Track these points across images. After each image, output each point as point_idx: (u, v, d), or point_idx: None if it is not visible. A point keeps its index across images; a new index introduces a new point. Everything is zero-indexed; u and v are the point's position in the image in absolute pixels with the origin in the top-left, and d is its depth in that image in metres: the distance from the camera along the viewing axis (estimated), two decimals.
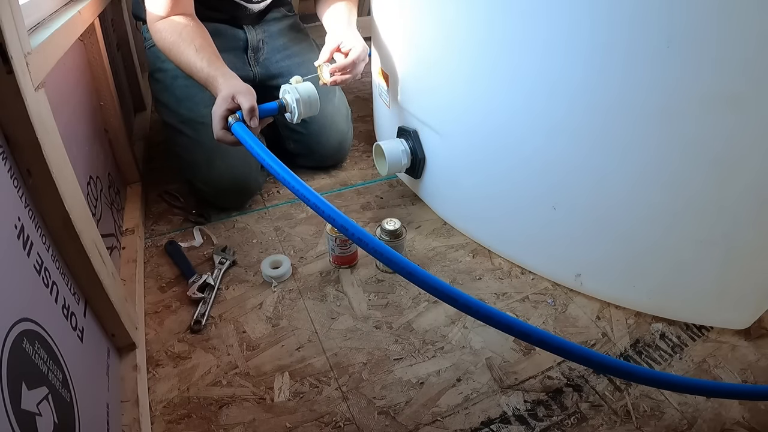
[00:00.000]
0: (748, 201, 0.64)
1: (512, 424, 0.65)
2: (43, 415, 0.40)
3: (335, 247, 0.87)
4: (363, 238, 0.60)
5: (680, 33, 0.57)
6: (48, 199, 0.51)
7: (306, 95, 0.86)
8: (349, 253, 0.89)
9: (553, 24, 0.67)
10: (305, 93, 0.86)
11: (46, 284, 0.48)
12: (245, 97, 0.81)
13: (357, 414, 0.66)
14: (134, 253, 0.89)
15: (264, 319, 0.80)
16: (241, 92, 0.81)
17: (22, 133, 0.47)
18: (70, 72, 0.82)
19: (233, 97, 0.81)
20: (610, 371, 0.65)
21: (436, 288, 0.56)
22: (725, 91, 0.58)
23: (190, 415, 0.66)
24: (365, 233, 0.60)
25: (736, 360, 0.73)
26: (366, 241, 0.60)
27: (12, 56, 0.44)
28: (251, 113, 0.80)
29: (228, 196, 1.04)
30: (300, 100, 0.85)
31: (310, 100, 0.86)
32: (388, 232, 0.85)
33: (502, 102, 0.80)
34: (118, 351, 0.68)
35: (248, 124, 0.80)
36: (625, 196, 0.72)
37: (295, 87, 0.87)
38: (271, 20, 1.15)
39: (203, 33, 0.93)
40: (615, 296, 0.82)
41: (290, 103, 0.86)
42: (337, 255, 0.89)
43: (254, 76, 1.14)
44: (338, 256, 0.89)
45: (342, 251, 0.88)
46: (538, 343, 0.59)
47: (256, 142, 0.74)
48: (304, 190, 0.65)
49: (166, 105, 1.04)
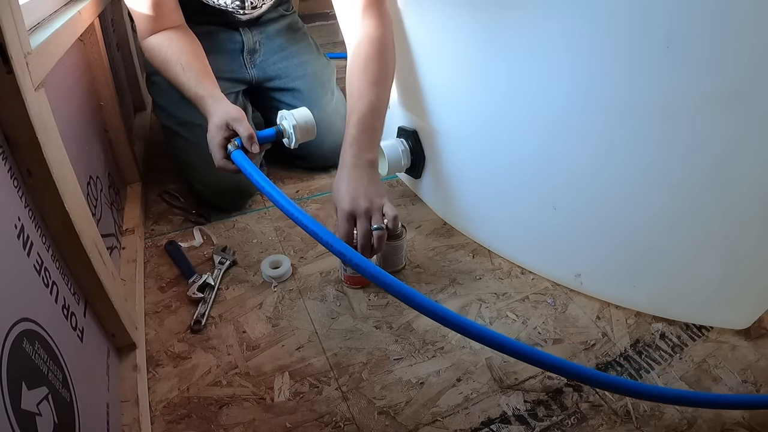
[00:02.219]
0: (749, 201, 0.64)
1: (512, 424, 0.65)
2: (43, 415, 0.40)
3: (348, 267, 0.83)
4: (377, 274, 0.63)
5: (680, 33, 0.57)
6: (48, 199, 0.51)
7: (303, 121, 0.85)
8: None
9: (553, 24, 0.67)
10: (302, 119, 0.85)
11: (46, 284, 0.48)
12: (241, 124, 0.79)
13: (357, 414, 0.66)
14: (134, 253, 0.89)
15: (264, 319, 0.80)
16: (235, 118, 0.79)
17: (22, 133, 0.47)
18: (70, 72, 0.82)
19: (227, 124, 0.80)
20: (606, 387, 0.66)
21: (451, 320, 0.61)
22: (727, 91, 0.58)
23: (190, 415, 0.66)
24: (378, 270, 0.64)
25: (736, 360, 0.73)
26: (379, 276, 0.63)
27: (12, 56, 0.43)
28: (251, 140, 0.79)
29: (227, 197, 1.04)
30: (297, 127, 0.85)
31: (307, 126, 0.86)
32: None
33: (503, 102, 0.80)
34: (118, 351, 0.68)
35: (250, 151, 0.78)
36: (626, 197, 0.72)
37: (292, 113, 0.86)
38: (268, 21, 1.14)
39: (191, 47, 0.91)
40: (615, 296, 0.82)
41: (287, 129, 0.86)
42: (349, 275, 0.85)
43: (251, 79, 1.13)
44: (350, 276, 0.85)
45: (354, 272, 0.84)
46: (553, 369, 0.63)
47: (257, 171, 0.74)
48: (313, 225, 0.67)
49: (163, 107, 1.04)
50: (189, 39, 0.93)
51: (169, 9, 0.91)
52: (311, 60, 1.18)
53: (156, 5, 0.88)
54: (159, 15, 0.90)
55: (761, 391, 0.68)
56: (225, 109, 0.82)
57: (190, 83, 0.86)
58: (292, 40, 1.17)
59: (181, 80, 0.87)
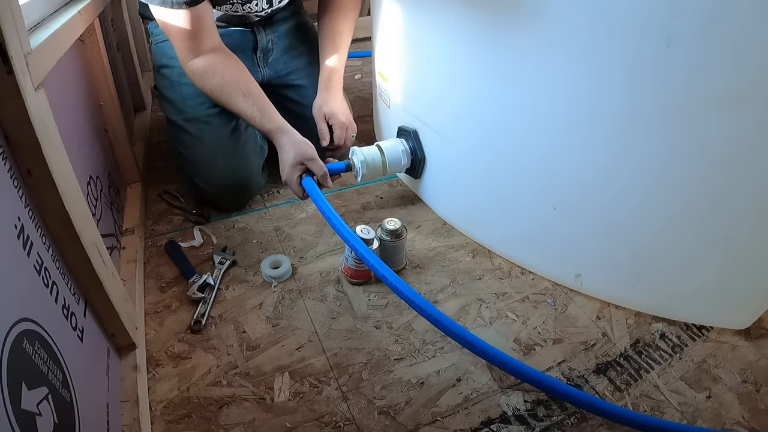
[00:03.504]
0: (749, 201, 0.64)
1: (512, 424, 0.65)
2: (43, 415, 0.40)
3: (349, 257, 0.83)
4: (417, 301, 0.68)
5: (680, 33, 0.57)
6: (48, 199, 0.51)
7: (370, 159, 0.98)
8: (365, 268, 0.84)
9: (554, 25, 0.67)
10: (369, 157, 0.98)
11: (46, 284, 0.48)
12: (315, 163, 0.88)
13: (357, 414, 0.66)
14: (134, 253, 0.89)
15: (264, 319, 0.80)
16: (310, 158, 0.88)
17: (22, 133, 0.47)
18: (70, 72, 0.82)
19: (301, 162, 0.88)
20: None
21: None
22: (726, 91, 0.58)
23: (190, 415, 0.66)
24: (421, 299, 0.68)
25: (736, 360, 0.73)
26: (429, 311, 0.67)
27: (12, 56, 0.43)
28: (325, 178, 0.89)
29: (228, 195, 1.04)
30: (364, 162, 0.98)
31: (374, 163, 0.99)
32: (388, 232, 0.85)
33: (503, 102, 0.80)
34: (118, 351, 0.68)
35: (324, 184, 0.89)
36: (626, 197, 0.72)
37: (361, 150, 0.98)
38: (280, 20, 1.15)
39: (244, 72, 0.95)
40: (615, 296, 0.82)
41: (356, 165, 0.98)
42: (350, 267, 0.85)
43: (262, 78, 1.14)
44: (353, 269, 0.85)
45: (358, 266, 0.84)
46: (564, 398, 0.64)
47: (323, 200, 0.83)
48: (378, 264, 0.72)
49: (171, 102, 1.04)
50: (238, 62, 0.95)
51: (208, 24, 0.91)
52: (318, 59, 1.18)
53: (195, 20, 0.87)
54: (199, 32, 0.89)
55: (761, 390, 0.68)
56: (298, 147, 0.88)
57: (254, 112, 0.92)
58: (302, 39, 1.18)
59: (243, 108, 0.92)
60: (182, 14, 0.85)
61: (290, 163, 0.88)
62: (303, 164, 0.88)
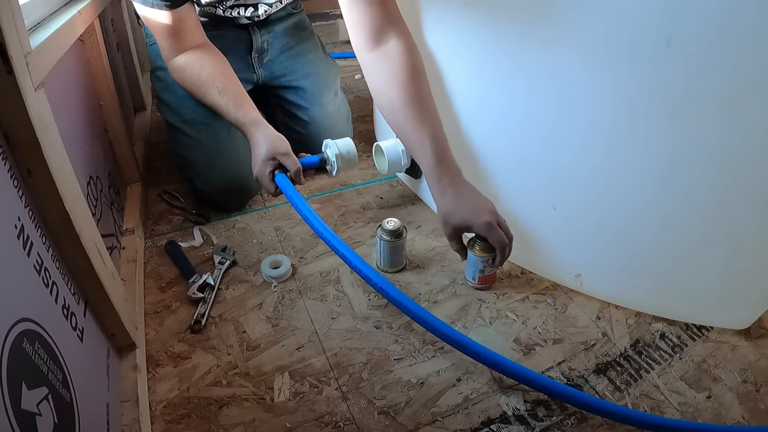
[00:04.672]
0: (750, 201, 0.64)
1: (512, 424, 0.65)
2: (43, 415, 0.39)
3: (485, 267, 0.81)
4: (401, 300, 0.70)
5: (680, 33, 0.57)
6: (48, 199, 0.51)
7: (345, 151, 0.93)
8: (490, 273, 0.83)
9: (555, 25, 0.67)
10: (344, 149, 0.93)
11: (46, 284, 0.48)
12: (289, 158, 0.85)
13: (357, 414, 0.66)
14: (134, 253, 0.89)
15: (264, 319, 0.80)
16: (283, 152, 0.85)
17: (22, 133, 0.47)
18: (70, 72, 0.82)
19: (274, 157, 0.85)
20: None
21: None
22: (728, 91, 0.58)
23: (190, 415, 0.66)
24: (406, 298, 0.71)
25: (736, 360, 0.73)
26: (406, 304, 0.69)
27: (12, 56, 0.43)
28: (298, 174, 0.86)
29: (228, 196, 1.04)
30: (339, 156, 0.92)
31: (349, 156, 0.94)
32: (388, 232, 0.85)
33: (501, 101, 0.80)
34: (118, 351, 0.68)
35: (296, 181, 0.86)
36: (626, 197, 0.72)
37: (336, 142, 0.93)
38: (276, 19, 1.14)
39: (223, 68, 0.93)
40: (615, 296, 0.82)
41: (330, 158, 0.93)
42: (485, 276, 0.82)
43: (257, 79, 1.13)
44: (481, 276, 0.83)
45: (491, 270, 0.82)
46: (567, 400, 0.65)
47: (298, 196, 0.82)
48: (345, 249, 0.74)
49: (167, 104, 1.04)
50: (219, 59, 0.94)
51: (191, 24, 0.90)
52: (317, 60, 1.18)
53: (177, 20, 0.87)
54: (181, 31, 0.89)
55: (761, 390, 0.68)
56: (270, 141, 0.86)
57: (229, 108, 0.89)
58: (299, 38, 1.17)
59: (218, 103, 0.90)
60: (164, 14, 0.86)
61: (262, 158, 0.85)
62: (275, 159, 0.86)
